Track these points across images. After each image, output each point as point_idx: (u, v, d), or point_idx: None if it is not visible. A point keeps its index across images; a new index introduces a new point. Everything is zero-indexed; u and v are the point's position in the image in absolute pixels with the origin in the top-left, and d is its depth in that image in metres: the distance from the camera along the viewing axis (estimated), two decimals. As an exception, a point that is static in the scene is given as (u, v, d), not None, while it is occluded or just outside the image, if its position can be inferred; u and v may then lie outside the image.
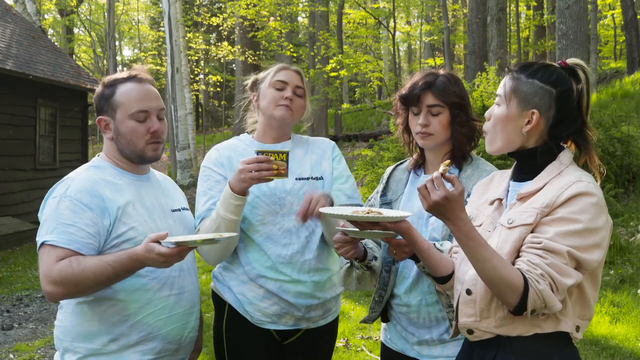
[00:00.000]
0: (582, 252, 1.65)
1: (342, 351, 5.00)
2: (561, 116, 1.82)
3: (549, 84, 1.81)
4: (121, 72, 2.29)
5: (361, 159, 10.75)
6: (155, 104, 2.21)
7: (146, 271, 2.10)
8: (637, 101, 13.14)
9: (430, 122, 2.25)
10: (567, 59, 1.89)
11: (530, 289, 1.62)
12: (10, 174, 11.74)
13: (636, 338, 4.99)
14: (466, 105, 2.28)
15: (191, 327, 2.28)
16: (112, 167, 2.23)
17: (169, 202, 2.30)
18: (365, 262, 2.26)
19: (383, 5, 28.99)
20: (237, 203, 2.27)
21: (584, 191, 1.69)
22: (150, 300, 2.13)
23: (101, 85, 2.24)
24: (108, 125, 2.21)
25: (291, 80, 2.51)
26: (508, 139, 1.84)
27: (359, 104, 29.20)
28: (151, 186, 2.28)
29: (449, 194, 1.68)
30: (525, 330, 1.73)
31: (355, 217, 1.83)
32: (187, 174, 17.58)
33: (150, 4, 34.05)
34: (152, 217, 2.17)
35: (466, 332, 1.82)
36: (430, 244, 1.94)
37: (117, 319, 2.10)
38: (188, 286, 2.25)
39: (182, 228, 2.29)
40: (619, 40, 25.80)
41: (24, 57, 12.28)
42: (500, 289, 1.66)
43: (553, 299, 1.63)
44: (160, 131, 2.22)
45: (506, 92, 1.83)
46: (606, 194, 7.45)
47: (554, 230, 1.67)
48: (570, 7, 9.41)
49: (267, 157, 2.17)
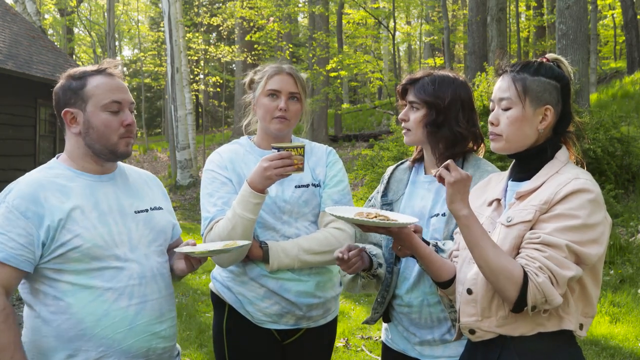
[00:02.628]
0: (581, 246, 1.66)
1: (342, 351, 5.00)
2: (565, 110, 1.85)
3: (553, 78, 1.83)
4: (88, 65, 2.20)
5: (361, 159, 10.76)
6: (127, 97, 2.10)
7: (101, 281, 1.98)
8: (637, 101, 13.15)
9: (409, 118, 2.29)
10: (547, 55, 1.91)
11: (530, 282, 1.62)
12: (10, 174, 11.68)
13: (636, 338, 4.99)
14: (444, 107, 2.24)
15: (160, 338, 2.09)
16: (67, 168, 2.09)
17: (134, 202, 2.14)
18: (372, 272, 2.27)
19: (383, 5, 28.99)
20: (257, 201, 2.26)
21: (582, 188, 1.70)
22: (107, 312, 1.97)
23: (66, 78, 2.10)
24: (75, 119, 2.07)
25: (284, 87, 2.45)
26: (525, 139, 1.83)
27: (359, 104, 29.20)
28: (112, 186, 2.12)
29: (466, 174, 1.74)
30: (528, 329, 1.73)
31: (362, 220, 1.88)
32: (187, 174, 17.57)
33: (150, 4, 34.05)
34: (105, 222, 2.02)
35: (468, 332, 1.82)
36: (430, 250, 1.96)
37: (72, 334, 1.95)
38: (152, 294, 2.07)
39: (147, 230, 2.13)
40: (619, 40, 25.81)
41: (24, 57, 12.28)
42: (500, 280, 1.66)
43: (553, 292, 1.63)
44: (133, 125, 2.10)
45: (517, 93, 1.82)
46: (606, 194, 7.45)
47: (552, 225, 1.68)
48: (570, 7, 9.42)
49: (289, 153, 2.20)
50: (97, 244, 1.98)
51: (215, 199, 2.42)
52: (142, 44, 34.01)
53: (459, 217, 1.73)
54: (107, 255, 2.00)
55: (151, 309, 2.07)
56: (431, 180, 2.33)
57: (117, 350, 1.99)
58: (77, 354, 1.96)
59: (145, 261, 2.08)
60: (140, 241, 2.10)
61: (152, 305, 2.08)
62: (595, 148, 7.73)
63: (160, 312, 2.11)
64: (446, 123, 2.25)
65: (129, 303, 2.02)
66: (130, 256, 2.05)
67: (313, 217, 2.48)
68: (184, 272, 2.17)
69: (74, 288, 1.97)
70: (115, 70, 2.13)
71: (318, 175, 2.52)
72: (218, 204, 2.40)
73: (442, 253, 2.08)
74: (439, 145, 2.27)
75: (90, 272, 1.98)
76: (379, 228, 1.92)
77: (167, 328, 2.14)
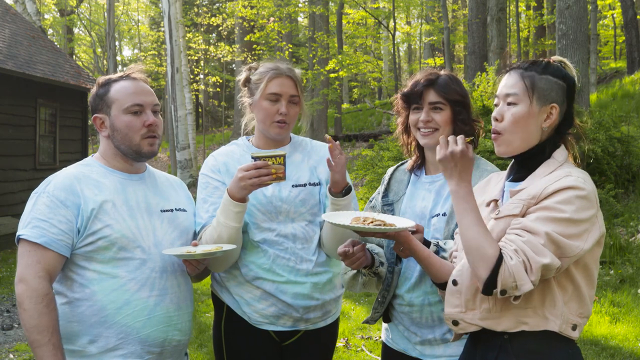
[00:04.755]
0: (561, 236, 1.64)
1: (342, 351, 5.00)
2: (570, 110, 1.86)
3: (560, 78, 1.84)
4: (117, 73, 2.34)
5: (361, 159, 10.76)
6: (149, 99, 2.23)
7: (125, 271, 2.12)
8: (637, 101, 13.15)
9: (433, 118, 2.26)
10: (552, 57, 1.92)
11: (503, 264, 1.62)
12: (10, 174, 11.73)
13: (636, 338, 4.99)
14: (468, 104, 2.30)
15: (177, 330, 2.22)
16: (100, 166, 2.24)
17: (160, 202, 2.27)
18: (373, 269, 2.27)
19: (383, 5, 28.99)
20: (237, 210, 2.26)
21: (572, 185, 1.69)
22: (129, 301, 2.11)
23: (96, 86, 2.27)
24: (103, 123, 2.23)
25: (284, 91, 2.43)
26: (528, 137, 1.83)
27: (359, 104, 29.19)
28: (141, 185, 2.26)
29: (467, 150, 1.76)
30: (510, 325, 1.73)
31: (358, 227, 1.90)
32: (187, 174, 17.58)
33: (150, 4, 34.02)
34: (133, 216, 2.17)
35: (451, 323, 1.82)
36: (429, 252, 1.98)
37: (95, 320, 2.09)
38: (172, 288, 2.21)
39: (171, 228, 2.26)
40: (619, 40, 25.80)
41: (24, 57, 12.27)
42: (475, 257, 1.68)
43: (524, 277, 1.62)
44: (156, 125, 2.22)
45: (524, 90, 1.82)
46: (606, 194, 7.45)
47: (536, 215, 1.68)
48: (570, 7, 9.41)
49: (265, 162, 2.18)
50: (125, 235, 2.12)
51: (208, 205, 2.42)
52: (142, 44, 34.01)
53: (450, 191, 1.79)
54: (133, 246, 2.13)
55: (170, 301, 2.20)
56: (432, 180, 2.33)
57: (135, 339, 2.12)
58: (98, 340, 2.10)
59: (167, 256, 2.20)
60: (164, 238, 2.22)
61: (170, 298, 2.20)
62: (595, 148, 7.73)
63: (178, 305, 2.23)
64: (470, 118, 2.29)
65: (150, 294, 2.15)
66: (154, 250, 2.18)
67: (310, 217, 2.47)
68: (190, 273, 2.28)
69: (100, 277, 2.11)
70: (139, 74, 2.27)
71: (319, 174, 2.51)
72: (210, 210, 2.41)
73: (444, 252, 2.08)
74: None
75: (116, 261, 2.12)
76: (376, 233, 1.93)
77: (184, 322, 2.26)
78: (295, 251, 2.41)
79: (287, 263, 2.40)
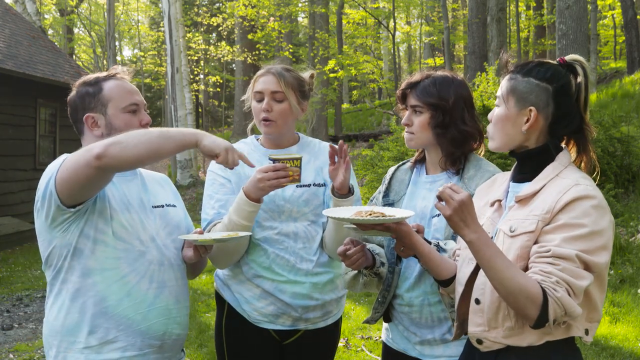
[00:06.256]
0: (590, 255, 1.64)
1: (342, 351, 5.00)
2: (560, 113, 1.83)
3: (544, 80, 1.82)
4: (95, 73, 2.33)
5: (361, 159, 10.76)
6: (142, 99, 2.28)
7: (125, 263, 2.12)
8: (637, 101, 13.13)
9: (413, 122, 2.28)
10: (565, 57, 1.90)
11: (550, 298, 1.60)
12: (10, 174, 11.74)
13: (636, 338, 4.99)
14: (449, 108, 2.24)
15: (176, 324, 2.24)
16: None
17: (150, 198, 2.29)
18: (374, 270, 2.27)
19: (383, 5, 28.97)
20: (251, 209, 2.29)
21: (583, 195, 1.68)
22: (129, 293, 2.12)
23: (81, 85, 2.24)
24: (96, 122, 2.21)
25: (266, 88, 2.44)
26: (508, 138, 1.85)
27: (359, 104, 29.19)
28: (133, 182, 2.27)
29: (466, 196, 1.66)
30: (535, 339, 1.71)
31: (357, 219, 1.87)
32: (187, 174, 17.56)
33: (150, 4, 34.02)
34: (130, 210, 2.19)
35: (476, 341, 1.80)
36: (430, 248, 1.96)
37: (96, 310, 2.10)
38: (170, 281, 2.22)
39: (163, 223, 2.27)
40: (619, 40, 25.79)
41: (24, 57, 12.28)
42: (519, 300, 1.62)
43: (573, 305, 1.61)
44: (150, 124, 2.26)
45: (503, 93, 1.86)
46: (606, 194, 7.44)
47: (560, 236, 1.65)
48: (570, 7, 9.41)
49: (283, 165, 2.23)
50: (124, 225, 2.13)
51: (214, 201, 2.45)
52: (142, 44, 34.00)
53: (467, 242, 1.69)
54: (132, 238, 2.14)
55: (169, 293, 2.21)
56: (432, 180, 2.34)
57: (135, 331, 2.12)
58: (98, 331, 2.10)
59: (163, 250, 2.22)
60: (158, 232, 2.24)
61: (169, 291, 2.21)
62: (595, 148, 7.72)
63: (177, 298, 2.24)
64: (452, 123, 2.25)
65: (149, 286, 2.16)
66: (150, 244, 2.19)
67: (313, 217, 2.47)
68: (191, 260, 2.27)
69: (101, 267, 2.11)
70: (125, 75, 2.27)
71: (325, 175, 2.51)
72: (216, 207, 2.43)
73: (444, 253, 2.07)
74: (448, 145, 2.27)
75: (116, 252, 2.11)
76: (376, 225, 1.89)
77: (182, 316, 2.28)
78: (295, 250, 2.42)
79: (287, 262, 2.41)
